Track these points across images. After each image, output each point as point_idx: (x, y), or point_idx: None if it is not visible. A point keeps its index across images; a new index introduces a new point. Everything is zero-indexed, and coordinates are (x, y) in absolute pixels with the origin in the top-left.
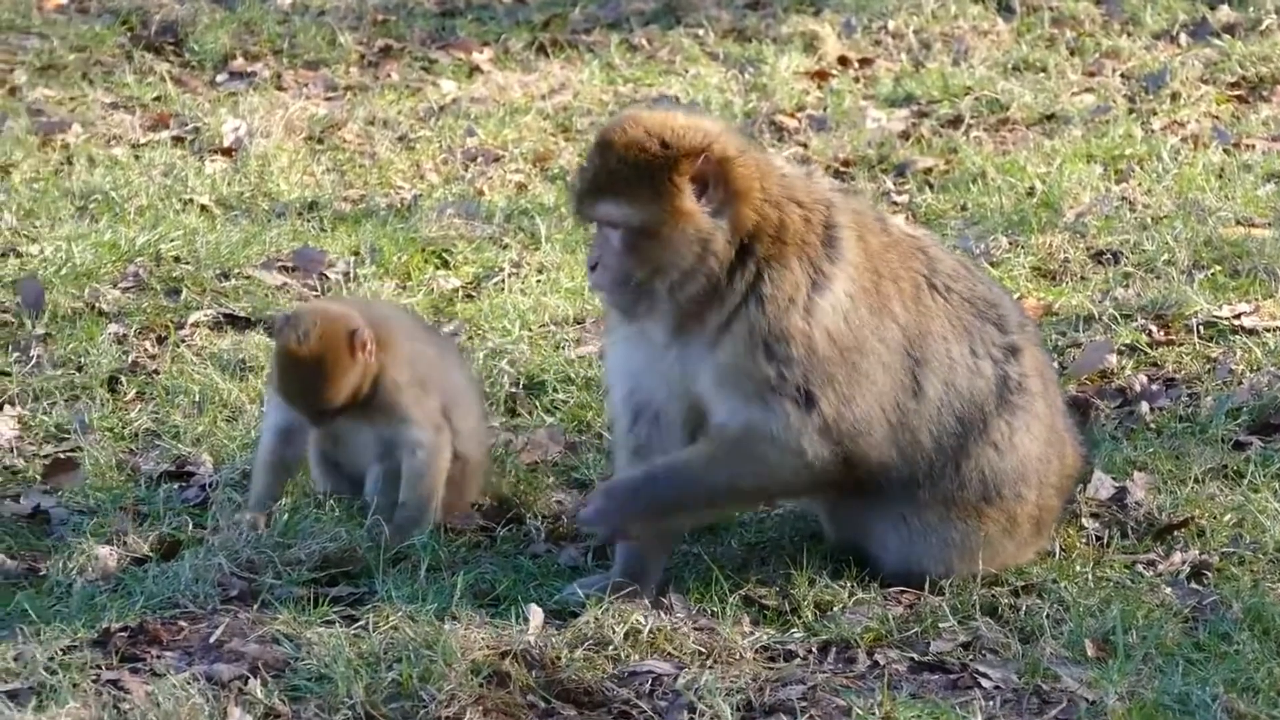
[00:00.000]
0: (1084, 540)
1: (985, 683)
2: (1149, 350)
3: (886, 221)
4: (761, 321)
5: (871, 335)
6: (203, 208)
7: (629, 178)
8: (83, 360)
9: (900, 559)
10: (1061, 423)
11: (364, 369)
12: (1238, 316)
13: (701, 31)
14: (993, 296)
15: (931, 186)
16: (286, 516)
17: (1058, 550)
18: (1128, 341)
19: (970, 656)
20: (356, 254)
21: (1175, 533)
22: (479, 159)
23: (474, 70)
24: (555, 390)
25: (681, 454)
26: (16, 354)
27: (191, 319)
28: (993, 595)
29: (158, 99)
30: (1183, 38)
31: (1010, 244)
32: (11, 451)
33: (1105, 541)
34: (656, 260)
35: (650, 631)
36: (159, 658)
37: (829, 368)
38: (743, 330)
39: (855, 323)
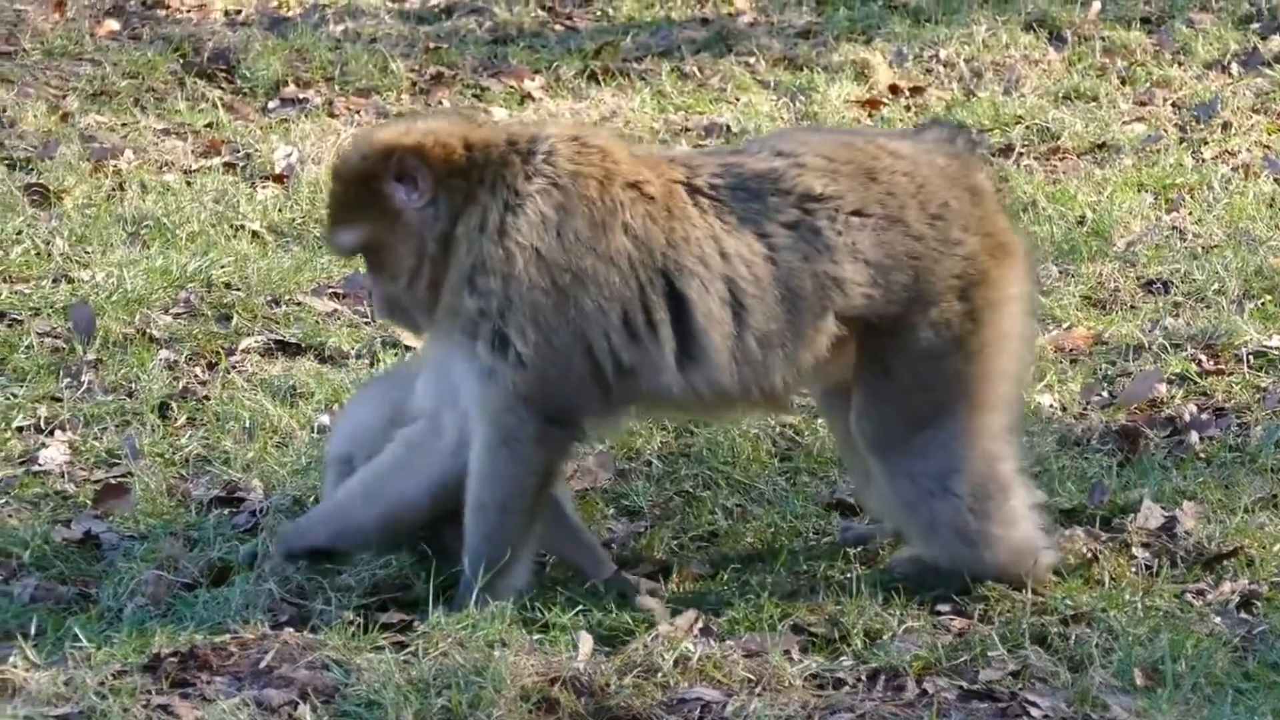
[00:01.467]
0: (1133, 569)
1: (1034, 711)
2: (1199, 380)
3: (637, 144)
4: (463, 261)
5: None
6: (254, 234)
7: (349, 201)
8: (134, 386)
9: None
10: (926, 176)
11: None
12: None
13: (753, 60)
14: (763, 167)
15: None
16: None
17: (1107, 579)
18: (1177, 371)
19: (1019, 685)
20: None
21: (1225, 562)
22: None
23: (525, 98)
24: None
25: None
26: (68, 379)
27: (242, 345)
28: (1042, 624)
29: (209, 125)
30: (1234, 67)
31: (1060, 273)
32: (62, 477)
33: (1155, 571)
34: (393, 269)
35: (699, 659)
36: (209, 683)
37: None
38: (453, 277)
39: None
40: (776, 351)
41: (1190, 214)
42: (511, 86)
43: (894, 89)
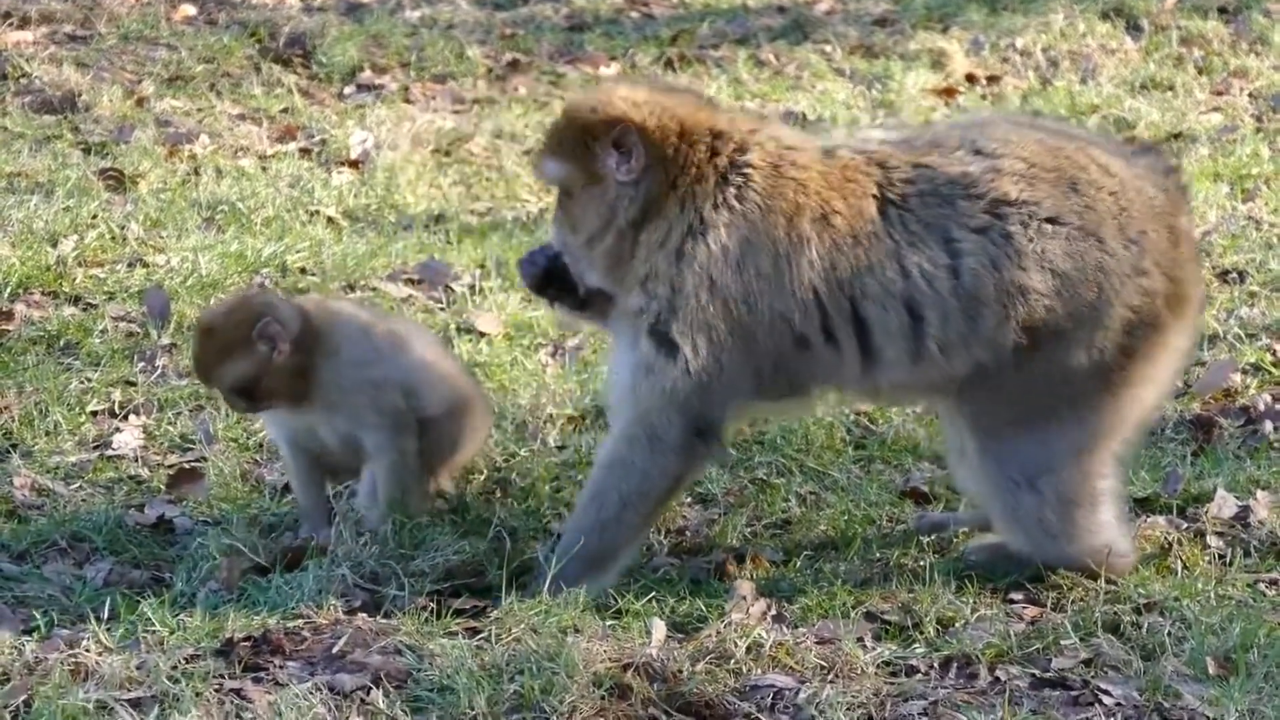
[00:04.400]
0: (1206, 559)
1: (1106, 700)
2: (1273, 370)
3: (828, 143)
4: (639, 266)
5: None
6: (329, 219)
7: (566, 140)
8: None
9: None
10: (1129, 194)
11: (269, 361)
12: None
13: (829, 48)
14: (959, 170)
15: None
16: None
17: (1180, 568)
18: (1252, 360)
19: (1092, 673)
20: (482, 267)
21: None
22: None
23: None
24: None
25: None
26: (142, 364)
27: None
28: (1115, 612)
29: (285, 111)
30: None
31: None
32: (137, 461)
33: (1228, 560)
34: (578, 222)
35: (772, 645)
36: (282, 667)
37: (706, 317)
38: (629, 271)
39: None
40: (958, 350)
41: (1266, 204)
42: (588, 73)
43: (970, 77)
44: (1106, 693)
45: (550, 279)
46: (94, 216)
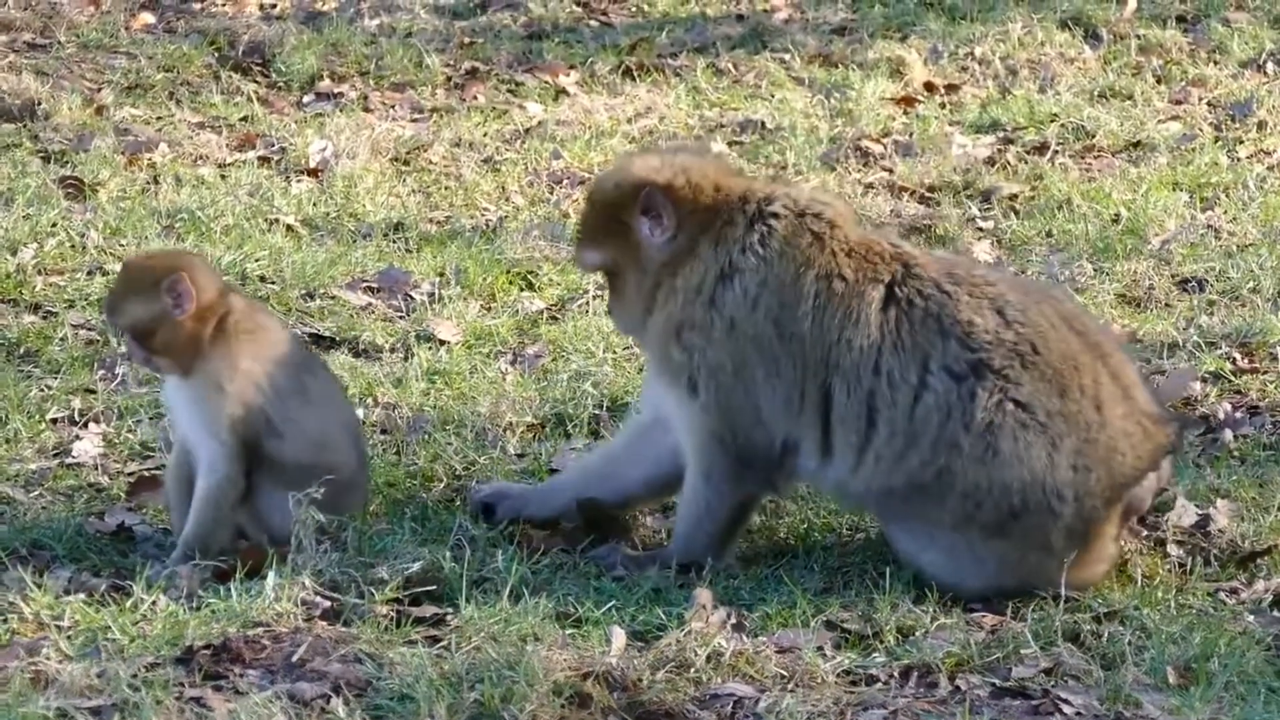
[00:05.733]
0: (1167, 567)
1: (1067, 709)
2: (1233, 378)
3: (866, 229)
4: (675, 312)
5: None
6: (288, 228)
7: (597, 225)
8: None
9: (942, 577)
10: (1109, 434)
11: (168, 316)
12: None
13: (788, 56)
14: (970, 316)
15: (1017, 213)
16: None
17: (1140, 577)
18: (1212, 369)
19: (1052, 682)
20: (442, 275)
21: (1258, 560)
22: (564, 181)
23: (560, 93)
24: (638, 413)
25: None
26: (102, 372)
27: None
28: (1075, 621)
29: (244, 119)
30: (1269, 66)
31: (1095, 271)
32: (97, 469)
33: (1188, 569)
34: (628, 292)
35: (732, 654)
36: (242, 675)
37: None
38: (665, 320)
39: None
40: (888, 469)
41: (1225, 212)
42: (546, 82)
43: (929, 86)
44: (1067, 702)
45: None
46: (53, 225)
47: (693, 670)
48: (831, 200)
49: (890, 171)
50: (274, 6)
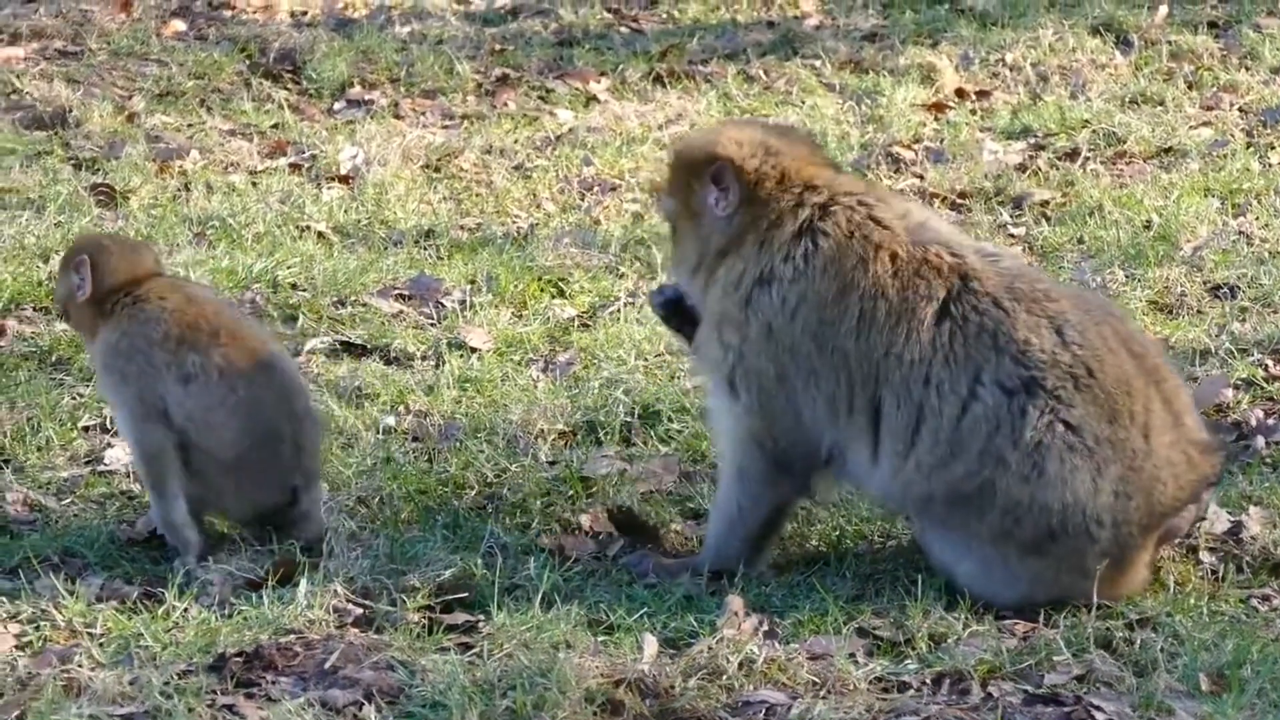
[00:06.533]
0: (1199, 574)
1: (1099, 716)
2: (1265, 385)
3: (930, 236)
4: (715, 306)
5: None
6: (320, 235)
7: (674, 177)
8: None
9: (975, 588)
10: (1154, 463)
11: (74, 294)
12: None
13: (819, 63)
14: (1026, 335)
15: (1048, 219)
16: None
17: (1172, 584)
18: (1244, 376)
19: (1084, 689)
20: (473, 282)
21: None
22: (595, 188)
23: (591, 100)
24: (670, 420)
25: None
26: None
27: (308, 346)
28: (1107, 628)
29: (275, 126)
30: None
31: (1126, 277)
32: (128, 476)
33: (1220, 576)
34: (682, 255)
35: (764, 661)
36: (274, 683)
37: (759, 362)
38: (708, 314)
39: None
40: (929, 476)
41: (1257, 219)
42: (577, 88)
43: (960, 93)
44: (1099, 709)
45: (675, 310)
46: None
47: (725, 677)
48: (891, 220)
49: (921, 178)
50: (305, 14)
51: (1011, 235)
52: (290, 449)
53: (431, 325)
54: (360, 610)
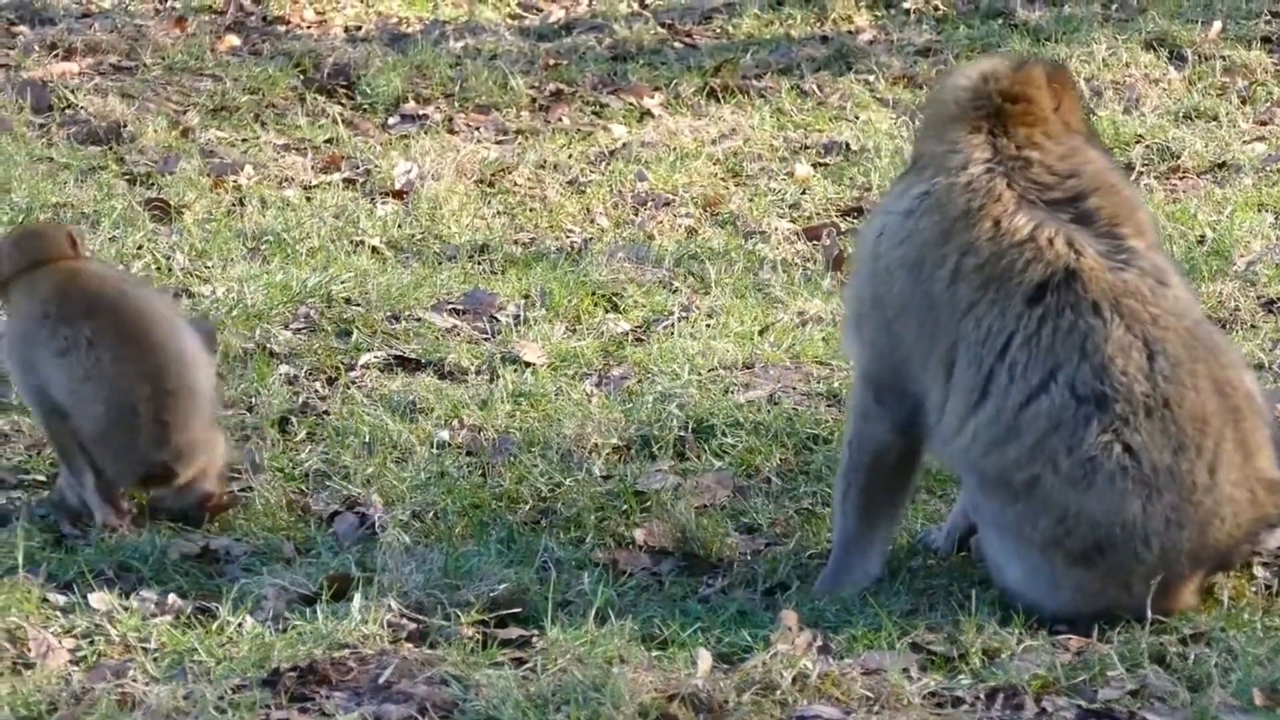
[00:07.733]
0: (1253, 589)
1: None
2: None
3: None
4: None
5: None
6: (374, 250)
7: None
8: (253, 401)
9: (1021, 591)
10: (1214, 499)
11: None
12: None
13: (872, 78)
14: (1113, 352)
15: None
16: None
17: (1226, 599)
18: None
19: (1138, 704)
20: (527, 297)
21: None
22: (649, 203)
23: (645, 114)
24: (724, 434)
25: None
26: None
27: (362, 360)
28: (1161, 643)
29: (329, 141)
30: None
31: None
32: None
33: (1275, 590)
34: None
35: (818, 676)
36: (328, 698)
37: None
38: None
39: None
40: (985, 451)
41: None
42: (631, 103)
43: None
44: None
45: None
46: (139, 247)
47: (778, 692)
48: (1001, 186)
49: None
50: (359, 29)
51: None
52: (152, 426)
53: (485, 340)
54: (414, 625)
